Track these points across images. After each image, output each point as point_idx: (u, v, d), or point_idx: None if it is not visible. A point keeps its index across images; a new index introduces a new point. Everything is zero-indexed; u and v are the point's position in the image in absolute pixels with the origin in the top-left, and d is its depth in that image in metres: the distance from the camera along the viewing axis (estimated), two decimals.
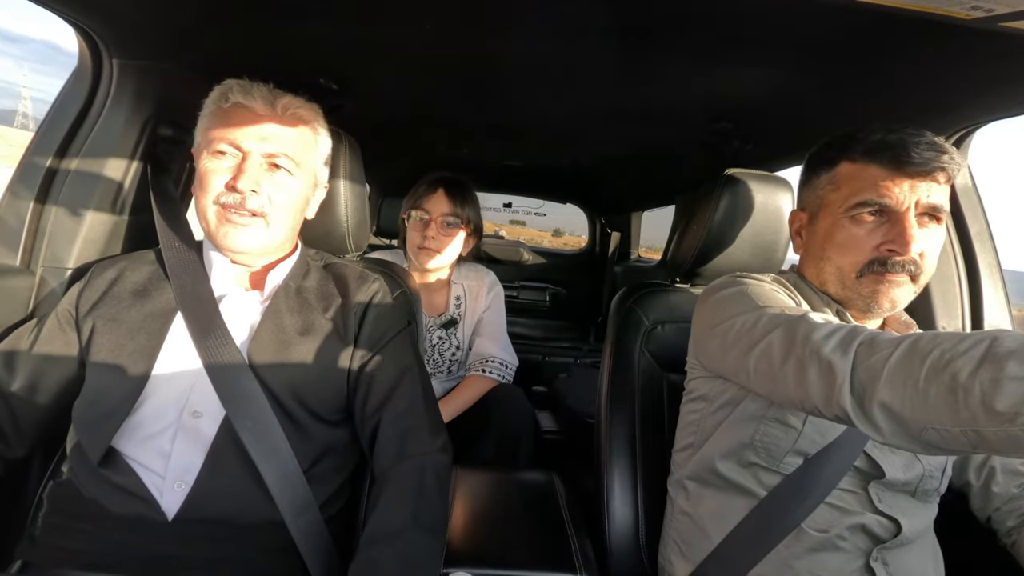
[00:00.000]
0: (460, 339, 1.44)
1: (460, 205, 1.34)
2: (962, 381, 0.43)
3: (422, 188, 1.37)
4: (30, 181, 0.89)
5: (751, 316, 0.67)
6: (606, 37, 0.79)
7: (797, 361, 0.57)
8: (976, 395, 0.42)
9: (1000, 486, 0.75)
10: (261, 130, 0.75)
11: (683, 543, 0.79)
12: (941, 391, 0.44)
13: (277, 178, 0.76)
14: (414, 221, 1.34)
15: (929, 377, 0.45)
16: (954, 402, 0.43)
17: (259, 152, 0.75)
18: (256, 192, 0.74)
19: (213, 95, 0.79)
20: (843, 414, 0.52)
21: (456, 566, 0.70)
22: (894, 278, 0.69)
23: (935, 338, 0.47)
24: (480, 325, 1.45)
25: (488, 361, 1.40)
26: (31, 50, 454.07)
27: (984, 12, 0.55)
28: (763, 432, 0.72)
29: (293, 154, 0.77)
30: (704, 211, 0.98)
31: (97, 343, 0.72)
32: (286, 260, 0.83)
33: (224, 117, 0.76)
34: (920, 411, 0.46)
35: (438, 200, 1.34)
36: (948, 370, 0.44)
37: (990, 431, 0.41)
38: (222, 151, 0.75)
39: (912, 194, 0.67)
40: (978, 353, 0.43)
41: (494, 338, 1.44)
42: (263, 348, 0.74)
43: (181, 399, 0.71)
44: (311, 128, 0.81)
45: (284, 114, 0.77)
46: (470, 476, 0.96)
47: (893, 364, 0.48)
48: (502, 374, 1.40)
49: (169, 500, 0.67)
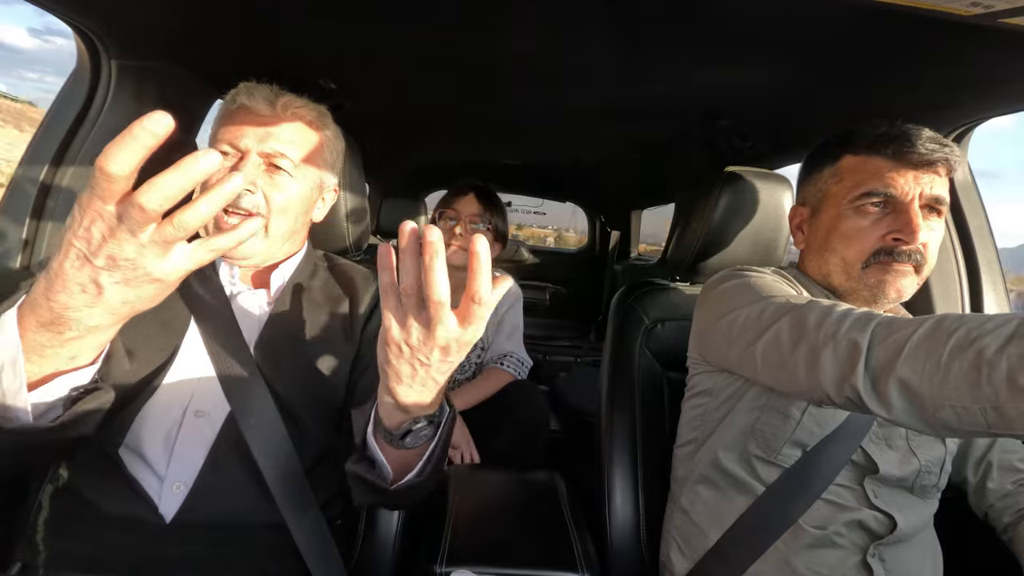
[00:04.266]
0: (485, 340, 1.48)
1: (489, 210, 1.39)
2: (988, 357, 0.43)
3: (453, 191, 1.41)
4: (30, 182, 0.89)
5: (756, 307, 0.67)
6: (605, 36, 0.79)
7: (809, 347, 0.57)
8: (1002, 370, 0.42)
9: (995, 482, 0.75)
10: (260, 130, 0.74)
11: (683, 541, 0.80)
12: (964, 367, 0.45)
13: (276, 179, 0.76)
14: (443, 222, 1.38)
15: (954, 353, 0.46)
16: (977, 378, 0.44)
17: (257, 151, 0.74)
18: (251, 191, 0.73)
19: (225, 99, 0.79)
20: (854, 394, 0.52)
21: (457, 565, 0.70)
22: (900, 267, 0.69)
23: (960, 318, 0.48)
24: (500, 325, 1.49)
25: (506, 356, 1.44)
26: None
27: (983, 9, 0.55)
28: (763, 421, 0.72)
29: (292, 154, 0.76)
30: (703, 209, 0.98)
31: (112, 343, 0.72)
32: (292, 258, 0.83)
33: (229, 119, 0.76)
34: (940, 387, 0.46)
35: (468, 202, 1.38)
36: (974, 347, 0.45)
37: (1011, 407, 0.42)
38: (224, 152, 0.74)
39: (916, 185, 0.68)
40: (1007, 331, 0.44)
41: (512, 337, 1.49)
42: (269, 347, 0.74)
43: (185, 399, 0.70)
44: (314, 128, 0.80)
45: (285, 113, 0.76)
46: (471, 475, 0.96)
47: (916, 340, 0.48)
48: (518, 370, 1.44)
49: (168, 502, 0.67)
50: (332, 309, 0.80)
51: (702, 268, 1.02)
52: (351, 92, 1.15)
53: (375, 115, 1.38)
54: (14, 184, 0.90)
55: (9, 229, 0.88)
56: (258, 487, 0.68)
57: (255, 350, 0.73)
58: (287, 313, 0.77)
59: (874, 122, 0.72)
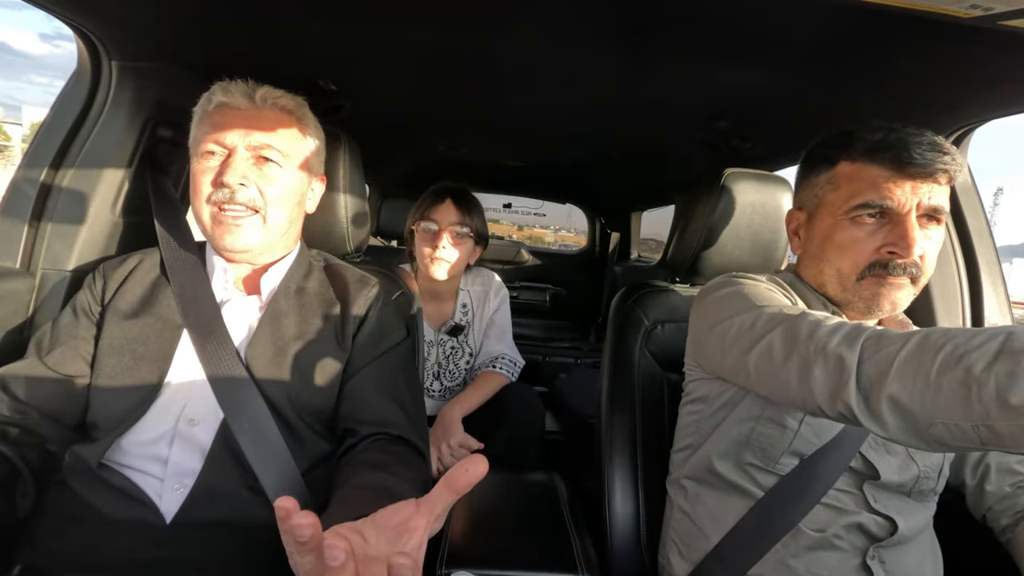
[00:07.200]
0: (472, 345, 1.46)
1: (468, 215, 1.36)
2: (976, 375, 0.42)
3: (428, 199, 1.37)
4: (30, 183, 0.89)
5: (749, 316, 0.66)
6: (605, 37, 0.79)
7: (800, 359, 0.57)
8: (991, 389, 0.41)
9: (993, 485, 0.75)
10: (245, 125, 0.75)
11: (682, 543, 0.80)
12: (954, 385, 0.44)
13: (266, 171, 0.76)
14: (423, 232, 1.35)
15: (942, 371, 0.45)
16: (967, 396, 0.43)
17: (244, 146, 0.75)
18: (245, 185, 0.74)
19: (200, 102, 0.79)
20: (847, 411, 0.51)
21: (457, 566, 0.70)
22: (895, 280, 0.68)
23: (947, 333, 0.47)
24: (489, 328, 1.48)
25: (498, 359, 1.43)
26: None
27: (983, 11, 0.55)
28: (759, 432, 0.72)
29: (279, 145, 0.77)
30: (703, 210, 0.98)
31: (105, 347, 0.73)
32: (283, 260, 0.83)
33: (209, 119, 0.76)
34: (930, 405, 0.45)
35: (447, 210, 1.34)
36: (962, 364, 0.44)
37: (1003, 425, 0.41)
38: (211, 151, 0.75)
39: (914, 196, 0.66)
40: (994, 347, 0.43)
41: (502, 338, 1.47)
42: (260, 353, 0.74)
43: (178, 407, 0.71)
44: (295, 117, 0.80)
45: (265, 105, 0.77)
46: None
47: (904, 358, 0.48)
48: (511, 372, 1.42)
49: (168, 502, 0.67)
50: (325, 313, 0.80)
51: (702, 270, 1.02)
52: (351, 92, 1.15)
53: (375, 115, 1.38)
54: (15, 184, 0.90)
55: (9, 229, 0.88)
56: (256, 490, 0.68)
57: (247, 356, 0.73)
58: (279, 318, 0.77)
59: (872, 125, 0.70)
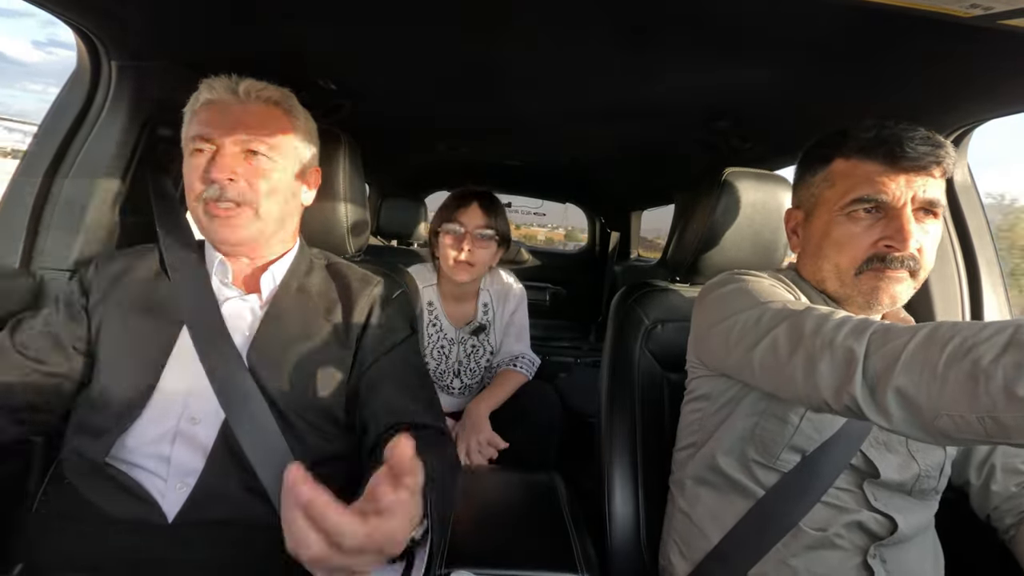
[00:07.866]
0: (494, 343, 1.49)
1: (493, 217, 1.38)
2: (984, 367, 0.43)
3: (454, 202, 1.40)
4: (30, 182, 0.89)
5: (753, 312, 0.66)
6: (605, 37, 0.79)
7: (806, 354, 0.57)
8: (998, 380, 0.42)
9: (999, 484, 0.75)
10: (230, 120, 0.75)
11: (683, 543, 0.80)
12: (961, 377, 0.44)
13: (256, 165, 0.76)
14: (448, 235, 1.36)
15: (949, 363, 0.45)
16: (974, 388, 0.43)
17: (231, 141, 0.74)
18: (233, 180, 0.74)
19: (189, 101, 0.79)
20: (853, 403, 0.52)
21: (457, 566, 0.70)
22: (894, 274, 0.68)
23: (955, 326, 0.47)
24: (508, 328, 1.51)
25: (518, 358, 1.46)
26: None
27: (982, 10, 0.55)
28: (762, 428, 0.72)
29: (267, 138, 0.76)
30: (703, 210, 0.98)
31: (105, 344, 0.72)
32: (284, 257, 0.83)
33: (196, 117, 0.76)
34: (937, 397, 0.46)
35: (473, 213, 1.36)
36: (970, 356, 0.44)
37: (1009, 417, 0.41)
38: (199, 149, 0.75)
39: (908, 189, 0.67)
40: (1002, 340, 0.43)
41: (521, 338, 1.50)
42: (262, 352, 0.74)
43: (180, 405, 0.71)
44: (282, 108, 0.80)
45: (249, 99, 0.77)
46: (470, 476, 0.96)
47: (911, 350, 0.48)
48: (530, 371, 1.45)
49: (171, 501, 0.67)
50: (327, 311, 0.80)
51: (702, 269, 1.02)
52: (351, 92, 1.15)
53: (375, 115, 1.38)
54: (15, 183, 0.90)
55: (9, 229, 0.88)
56: (257, 489, 0.68)
57: (248, 355, 0.73)
58: (280, 316, 0.77)
59: (865, 123, 0.70)
